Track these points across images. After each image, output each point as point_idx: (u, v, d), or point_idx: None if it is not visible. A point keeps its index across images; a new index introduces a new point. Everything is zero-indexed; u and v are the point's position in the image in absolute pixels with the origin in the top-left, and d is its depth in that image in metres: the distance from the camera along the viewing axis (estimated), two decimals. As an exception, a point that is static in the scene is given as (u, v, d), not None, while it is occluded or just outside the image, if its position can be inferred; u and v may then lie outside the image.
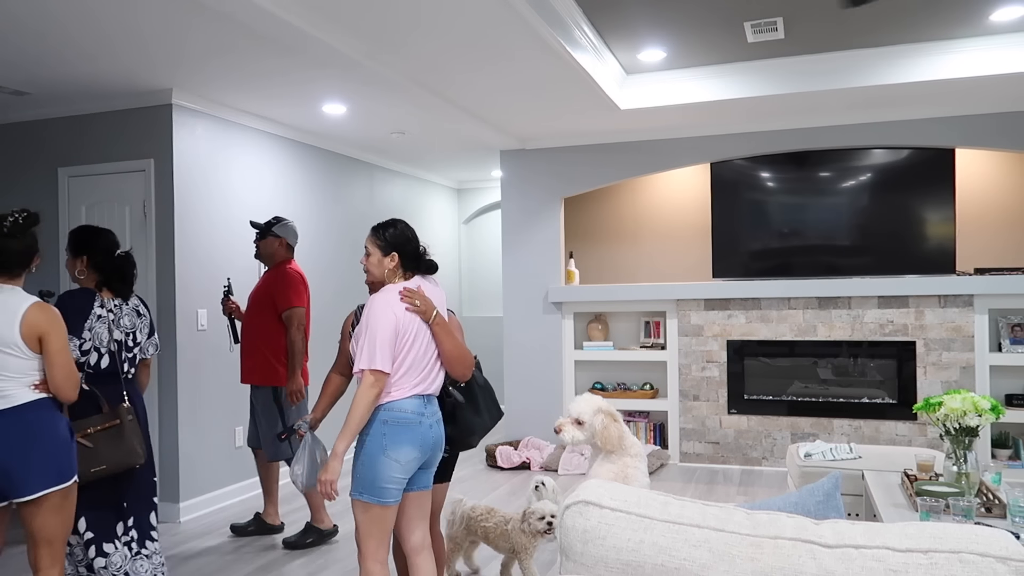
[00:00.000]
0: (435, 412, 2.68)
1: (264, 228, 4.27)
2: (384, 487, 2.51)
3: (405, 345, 2.58)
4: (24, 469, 2.49)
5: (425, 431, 2.60)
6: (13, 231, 2.60)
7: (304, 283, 4.27)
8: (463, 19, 3.54)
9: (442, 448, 2.72)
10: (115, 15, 3.46)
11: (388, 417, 2.54)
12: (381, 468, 2.51)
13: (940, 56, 4.64)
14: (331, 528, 4.25)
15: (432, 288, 2.75)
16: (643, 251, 6.57)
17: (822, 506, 1.87)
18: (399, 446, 2.53)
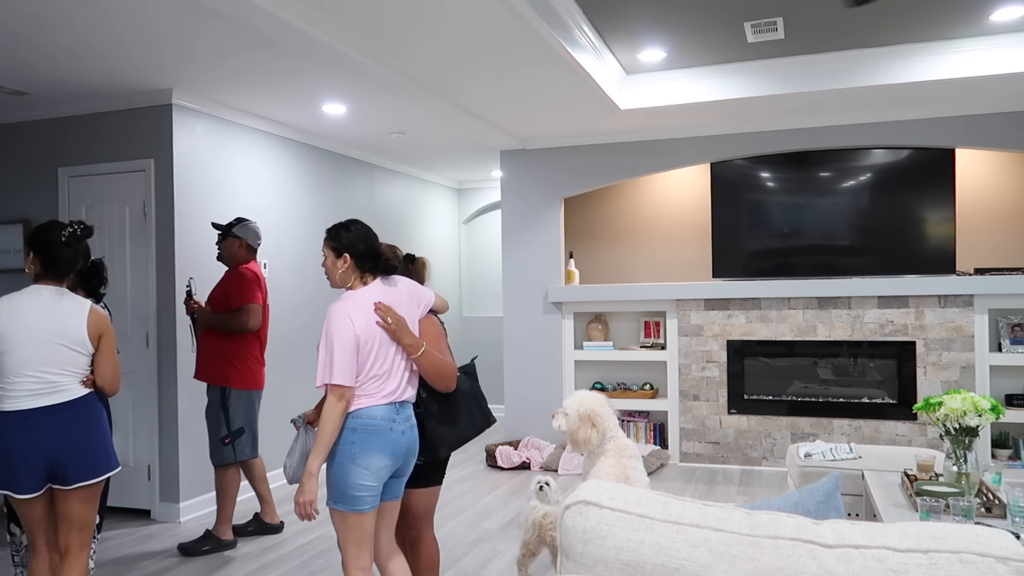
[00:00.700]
0: (408, 418, 2.62)
1: (225, 229, 4.22)
2: (356, 495, 2.48)
3: (371, 353, 2.53)
4: (86, 456, 2.70)
5: (396, 438, 2.55)
6: (70, 241, 2.80)
7: (259, 282, 4.20)
8: (463, 19, 3.54)
9: (415, 455, 2.67)
10: (115, 15, 3.46)
11: (357, 425, 2.50)
12: (352, 476, 2.48)
13: (940, 56, 4.64)
14: (278, 524, 4.33)
15: (391, 291, 2.66)
16: (643, 251, 6.57)
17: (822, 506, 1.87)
18: (369, 454, 2.49)
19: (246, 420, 4.21)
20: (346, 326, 2.50)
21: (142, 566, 3.94)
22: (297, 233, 5.82)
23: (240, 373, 4.17)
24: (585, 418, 3.20)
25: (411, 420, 2.64)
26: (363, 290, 2.61)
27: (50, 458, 2.65)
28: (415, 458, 2.68)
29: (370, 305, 2.57)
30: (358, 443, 2.49)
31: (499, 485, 5.42)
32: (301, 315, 5.84)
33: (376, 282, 2.65)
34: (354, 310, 2.53)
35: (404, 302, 2.68)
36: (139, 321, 4.76)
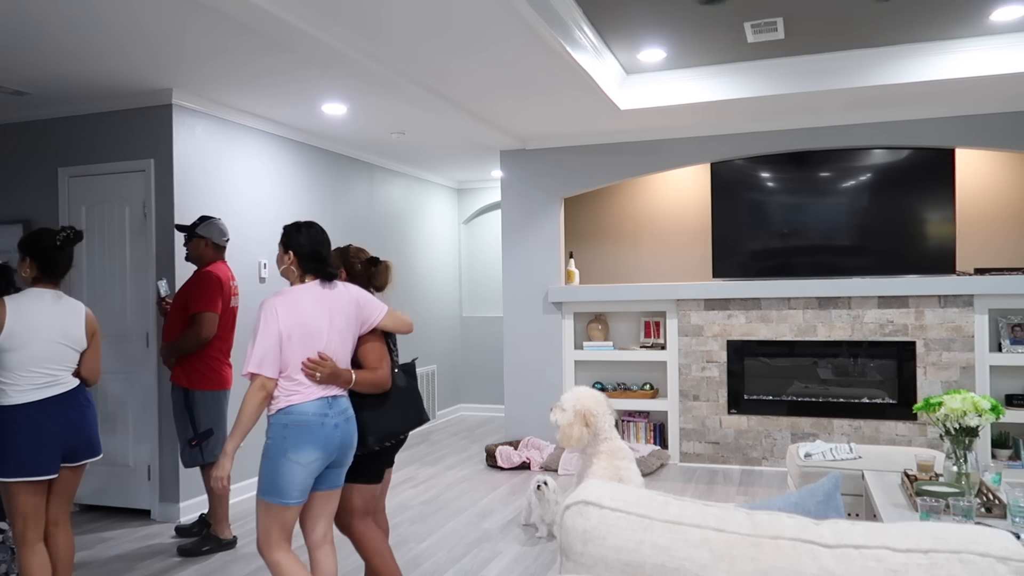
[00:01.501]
0: (342, 412, 2.69)
1: (189, 229, 4.19)
2: (285, 488, 2.56)
3: (295, 349, 2.61)
4: (92, 436, 3.09)
5: (329, 432, 2.62)
6: (63, 245, 3.07)
7: (221, 287, 4.13)
8: (462, 19, 3.54)
9: (353, 447, 2.74)
10: (115, 15, 3.46)
11: (289, 421, 2.58)
12: (283, 470, 2.56)
13: (940, 56, 4.64)
14: (230, 539, 4.17)
15: (327, 294, 2.72)
16: (643, 251, 6.57)
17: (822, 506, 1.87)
18: (300, 449, 2.57)
19: (214, 421, 4.17)
20: (271, 319, 2.61)
21: (142, 566, 3.94)
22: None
23: (202, 374, 4.14)
24: (579, 415, 3.20)
25: (346, 413, 2.71)
26: (298, 288, 2.71)
27: (66, 440, 2.97)
28: (353, 449, 2.75)
29: (301, 303, 2.67)
30: (290, 438, 2.57)
31: (499, 485, 5.43)
32: (301, 315, 5.83)
33: (315, 283, 2.74)
34: (282, 305, 2.64)
35: (340, 308, 2.74)
36: (139, 321, 4.76)
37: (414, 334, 7.59)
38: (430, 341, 7.96)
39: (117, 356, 4.82)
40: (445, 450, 6.64)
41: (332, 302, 2.73)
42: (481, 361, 8.62)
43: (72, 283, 4.94)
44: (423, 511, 4.81)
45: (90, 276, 4.90)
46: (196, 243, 4.20)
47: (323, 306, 2.70)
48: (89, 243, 4.91)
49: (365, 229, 6.77)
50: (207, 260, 4.21)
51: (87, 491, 4.90)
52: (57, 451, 2.95)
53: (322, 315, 2.69)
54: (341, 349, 2.73)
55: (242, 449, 5.15)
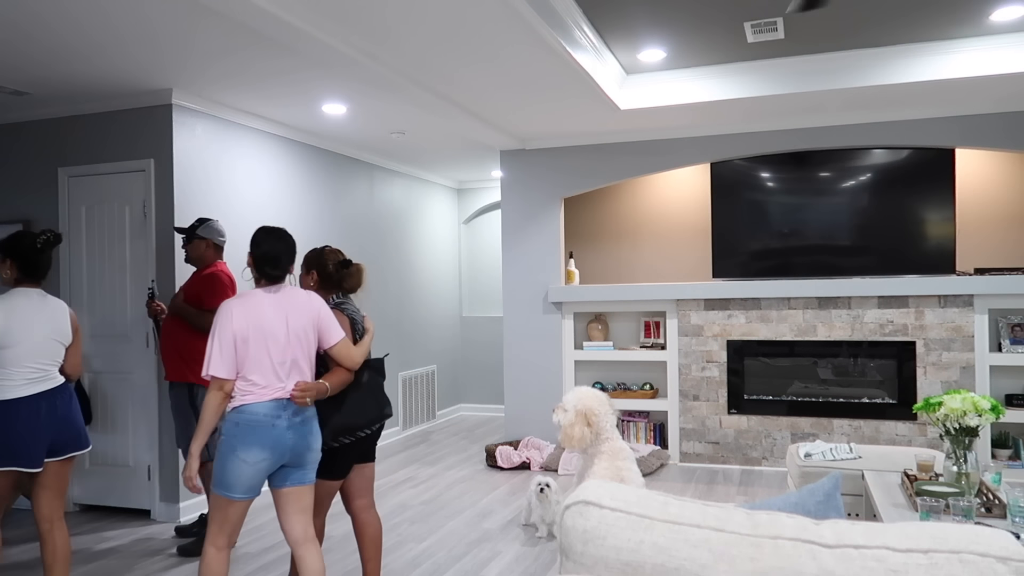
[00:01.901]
0: (298, 414, 2.73)
1: (189, 231, 4.21)
2: (232, 483, 2.64)
3: (249, 352, 2.67)
4: (79, 430, 3.22)
5: (280, 433, 2.67)
6: (44, 247, 3.19)
7: (233, 287, 4.19)
8: (463, 19, 3.54)
9: (311, 448, 2.78)
10: (115, 15, 3.46)
11: (239, 419, 2.66)
12: (230, 466, 2.64)
13: (940, 56, 4.64)
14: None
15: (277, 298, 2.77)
16: (643, 251, 6.57)
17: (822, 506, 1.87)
18: (248, 447, 2.64)
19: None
20: (227, 322, 2.67)
21: (142, 566, 3.94)
22: (296, 233, 5.82)
23: None
24: (581, 415, 3.20)
25: (303, 415, 2.76)
26: (258, 291, 2.78)
27: (55, 434, 3.09)
28: (311, 452, 2.78)
29: (257, 306, 2.72)
30: (239, 436, 2.65)
31: (499, 485, 5.42)
32: (301, 315, 5.84)
33: (274, 287, 2.80)
34: (238, 308, 2.70)
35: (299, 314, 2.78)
36: (139, 322, 4.76)
37: (413, 334, 7.60)
38: (430, 341, 7.96)
39: (117, 356, 4.82)
40: (445, 450, 6.64)
41: (290, 307, 2.78)
42: (481, 361, 8.62)
43: (72, 283, 4.94)
44: (423, 511, 4.81)
45: (90, 276, 4.90)
46: (197, 244, 4.21)
47: (280, 310, 2.75)
48: (89, 243, 4.91)
49: (365, 229, 6.77)
50: (208, 261, 4.23)
51: (87, 491, 4.90)
52: (44, 445, 3.07)
53: (279, 319, 2.73)
54: (299, 353, 2.76)
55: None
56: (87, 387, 4.83)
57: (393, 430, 7.14)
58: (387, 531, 4.42)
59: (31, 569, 3.91)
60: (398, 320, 7.30)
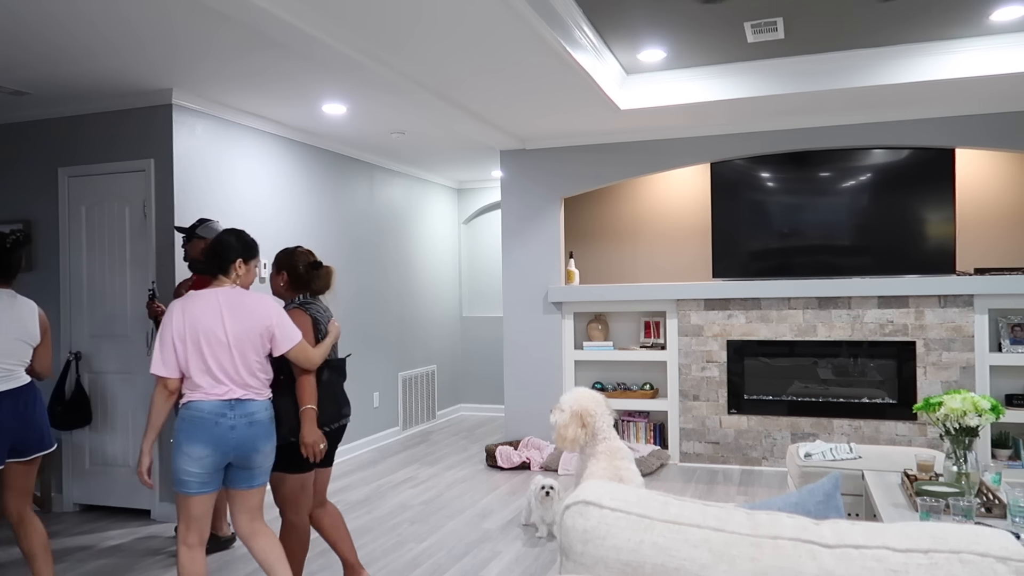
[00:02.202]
0: (247, 415, 2.77)
1: (189, 231, 4.20)
2: (181, 479, 2.73)
3: (189, 353, 2.73)
4: (43, 430, 3.22)
5: (223, 431, 2.72)
6: (14, 247, 3.20)
7: None
8: (463, 19, 3.54)
9: (258, 450, 2.80)
10: (115, 15, 3.46)
11: (185, 415, 2.74)
12: (177, 461, 2.73)
13: (940, 56, 4.64)
14: (228, 536, 4.18)
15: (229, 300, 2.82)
16: (643, 251, 6.57)
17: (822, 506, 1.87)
18: (191, 442, 2.71)
19: None
20: (168, 323, 2.77)
21: (142, 566, 3.94)
22: (297, 233, 5.82)
23: None
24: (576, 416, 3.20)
25: (252, 417, 2.78)
26: (204, 292, 2.82)
27: (16, 433, 3.11)
28: (258, 454, 2.81)
29: (197, 308, 2.76)
30: (184, 432, 2.73)
31: (499, 485, 5.42)
32: (301, 315, 5.84)
33: (225, 288, 2.85)
34: (178, 309, 2.78)
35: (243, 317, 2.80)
36: (139, 322, 4.76)
37: (413, 333, 7.60)
38: (430, 341, 7.96)
39: (117, 356, 4.82)
40: (445, 450, 6.64)
41: (235, 310, 2.80)
42: (481, 361, 8.62)
43: (72, 283, 4.94)
44: (423, 511, 4.81)
45: (90, 276, 4.90)
46: (196, 244, 4.21)
47: (220, 313, 2.77)
48: (89, 243, 4.91)
49: (365, 229, 6.77)
50: None
51: (87, 491, 4.90)
52: (6, 445, 3.09)
53: (217, 321, 2.76)
54: (247, 355, 2.79)
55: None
56: (87, 387, 4.83)
57: (393, 430, 7.14)
58: (387, 531, 4.42)
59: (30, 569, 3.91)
60: (398, 320, 7.30)
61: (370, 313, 6.80)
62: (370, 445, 6.75)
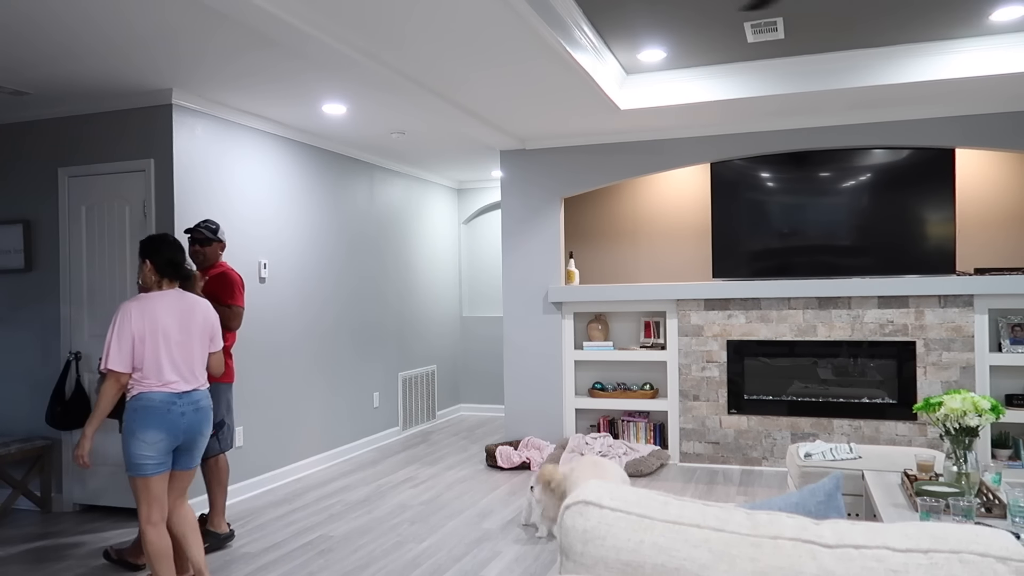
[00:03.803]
0: (193, 403, 3.18)
1: (209, 236, 4.24)
2: (137, 463, 3.05)
3: (145, 350, 3.08)
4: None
5: (175, 418, 3.11)
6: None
7: (242, 284, 4.26)
8: (463, 19, 3.54)
9: (203, 434, 3.24)
10: (115, 15, 3.46)
11: (138, 406, 3.07)
12: (132, 447, 3.05)
13: (940, 56, 4.64)
14: (227, 534, 4.19)
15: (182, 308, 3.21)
16: (643, 251, 6.57)
17: (823, 506, 1.87)
18: (146, 429, 3.05)
19: (225, 412, 4.23)
20: (126, 322, 3.07)
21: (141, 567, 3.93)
22: (297, 233, 5.82)
23: None
24: (547, 487, 3.10)
25: (198, 404, 3.20)
26: (155, 294, 3.18)
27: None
28: (202, 437, 3.24)
29: (154, 309, 3.13)
30: (138, 420, 3.05)
31: (499, 485, 5.42)
32: (301, 315, 5.84)
33: (172, 292, 3.23)
34: (136, 310, 3.10)
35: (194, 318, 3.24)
36: (139, 321, 4.76)
37: (413, 333, 7.60)
38: (430, 341, 7.96)
39: (117, 356, 4.82)
40: (445, 450, 6.64)
41: (186, 311, 3.22)
42: (481, 361, 8.62)
43: (72, 283, 4.94)
44: (423, 511, 4.81)
45: (90, 276, 4.90)
46: (216, 247, 4.29)
47: (175, 313, 3.18)
48: (89, 243, 4.91)
49: (365, 229, 6.77)
50: (215, 260, 4.30)
51: (87, 491, 4.90)
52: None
53: (173, 321, 3.16)
54: (192, 353, 3.21)
55: (245, 451, 5.16)
56: (87, 387, 4.83)
57: (393, 430, 7.14)
58: (387, 531, 4.43)
59: (30, 569, 3.91)
60: (398, 320, 7.30)
61: (370, 313, 6.80)
62: (370, 445, 6.75)
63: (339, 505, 4.98)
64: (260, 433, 5.37)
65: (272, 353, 5.51)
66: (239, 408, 5.15)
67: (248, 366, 5.25)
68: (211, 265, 4.28)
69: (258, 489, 5.32)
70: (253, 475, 5.29)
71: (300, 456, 5.81)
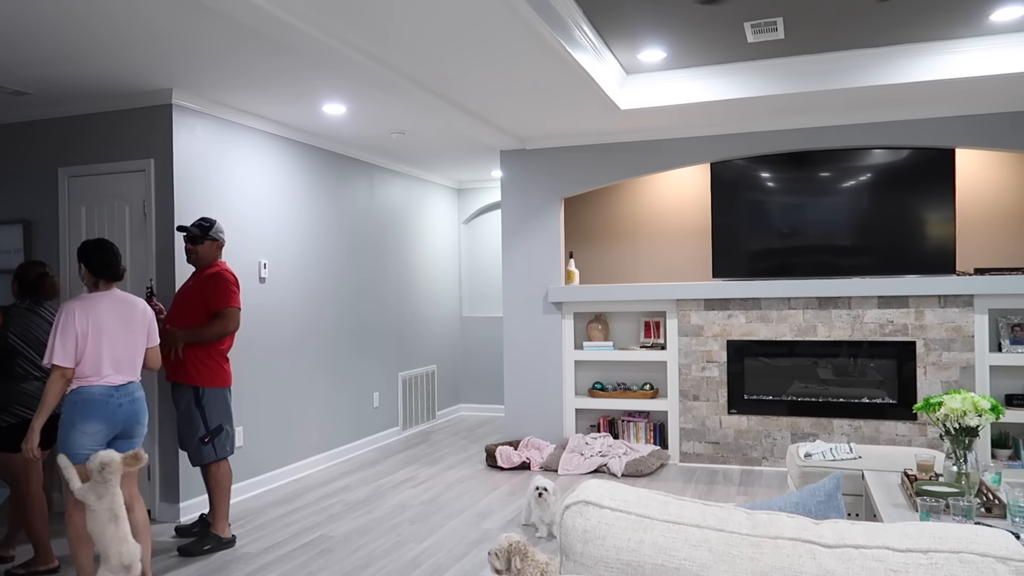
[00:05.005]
0: (129, 394, 3.43)
1: (201, 233, 4.21)
2: (76, 451, 3.26)
3: (88, 347, 3.31)
4: None
5: (113, 409, 3.36)
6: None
7: (237, 284, 4.23)
8: (463, 19, 3.54)
9: (140, 423, 3.48)
10: (115, 15, 3.46)
11: (78, 399, 3.30)
12: (73, 437, 3.28)
13: (940, 56, 4.64)
14: (230, 537, 4.19)
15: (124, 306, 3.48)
16: (643, 251, 6.57)
17: (823, 506, 1.87)
18: (86, 420, 3.29)
19: (223, 417, 4.20)
20: (71, 321, 3.30)
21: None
22: (297, 233, 5.82)
23: (212, 371, 4.17)
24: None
25: (133, 395, 3.45)
26: (97, 295, 3.43)
27: None
28: (140, 426, 3.49)
29: (96, 308, 3.37)
30: (78, 412, 3.29)
31: (499, 485, 5.43)
32: (301, 315, 5.84)
33: (110, 292, 3.47)
34: (80, 309, 3.34)
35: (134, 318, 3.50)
36: (139, 321, 4.76)
37: (413, 333, 7.60)
38: (430, 341, 7.96)
39: (117, 356, 4.82)
40: (445, 450, 6.64)
41: (125, 309, 3.48)
42: (481, 361, 8.62)
43: (72, 282, 4.94)
44: (423, 511, 4.81)
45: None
46: (209, 246, 4.25)
47: (115, 311, 3.44)
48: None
49: (365, 229, 6.77)
50: (212, 260, 4.27)
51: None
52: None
53: (114, 318, 3.41)
54: (132, 348, 3.47)
55: (245, 451, 5.16)
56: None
57: (393, 430, 7.14)
58: (387, 531, 4.43)
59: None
60: (398, 320, 7.30)
61: (370, 313, 6.80)
62: (370, 445, 6.75)
63: (339, 505, 4.98)
64: (260, 433, 5.37)
65: (272, 353, 5.51)
66: (239, 408, 5.15)
67: (248, 366, 5.25)
68: (207, 265, 4.25)
69: (258, 489, 5.32)
70: (253, 475, 5.29)
71: (300, 456, 5.81)
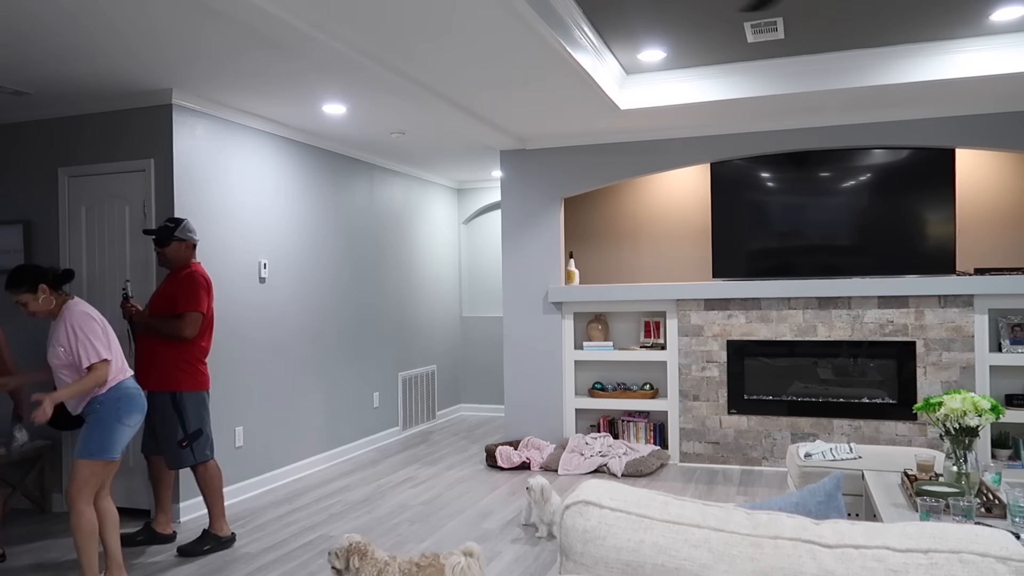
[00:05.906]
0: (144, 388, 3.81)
1: (165, 234, 4.15)
2: (116, 447, 3.39)
3: (114, 342, 3.48)
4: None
5: (143, 401, 3.52)
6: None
7: (209, 289, 4.18)
8: (462, 19, 3.54)
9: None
10: (115, 15, 3.46)
11: (120, 395, 3.42)
12: (117, 432, 3.39)
13: (940, 56, 4.64)
14: (228, 536, 4.19)
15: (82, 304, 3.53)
16: (643, 251, 6.57)
17: (823, 506, 1.87)
18: (130, 414, 3.44)
19: (201, 421, 4.18)
20: (93, 321, 3.41)
21: (142, 566, 3.94)
22: (297, 233, 5.82)
23: (189, 375, 4.14)
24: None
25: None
26: (76, 301, 3.49)
27: None
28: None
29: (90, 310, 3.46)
30: (124, 406, 3.41)
31: (499, 485, 5.43)
32: (301, 315, 5.84)
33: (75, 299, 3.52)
34: (86, 311, 3.43)
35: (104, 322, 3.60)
36: (139, 321, 4.76)
37: (413, 333, 7.60)
38: (430, 341, 7.96)
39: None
40: (445, 450, 6.64)
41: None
42: (481, 361, 8.62)
43: (72, 282, 4.94)
44: (423, 511, 4.81)
45: (90, 276, 4.90)
46: (176, 247, 4.18)
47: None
48: (89, 243, 4.91)
49: (365, 229, 6.77)
50: (185, 261, 4.22)
51: (87, 491, 4.90)
52: None
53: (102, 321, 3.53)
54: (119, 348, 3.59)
55: (245, 451, 5.16)
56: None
57: (393, 430, 7.14)
58: (387, 531, 4.43)
59: (31, 569, 3.91)
60: (398, 320, 7.30)
61: (370, 313, 6.80)
62: (370, 445, 6.75)
63: (339, 505, 4.98)
64: (260, 433, 5.37)
65: (272, 353, 5.51)
66: (240, 408, 5.15)
67: (248, 366, 5.25)
68: (181, 266, 4.21)
69: (258, 489, 5.32)
70: (253, 475, 5.29)
71: (300, 456, 5.81)
